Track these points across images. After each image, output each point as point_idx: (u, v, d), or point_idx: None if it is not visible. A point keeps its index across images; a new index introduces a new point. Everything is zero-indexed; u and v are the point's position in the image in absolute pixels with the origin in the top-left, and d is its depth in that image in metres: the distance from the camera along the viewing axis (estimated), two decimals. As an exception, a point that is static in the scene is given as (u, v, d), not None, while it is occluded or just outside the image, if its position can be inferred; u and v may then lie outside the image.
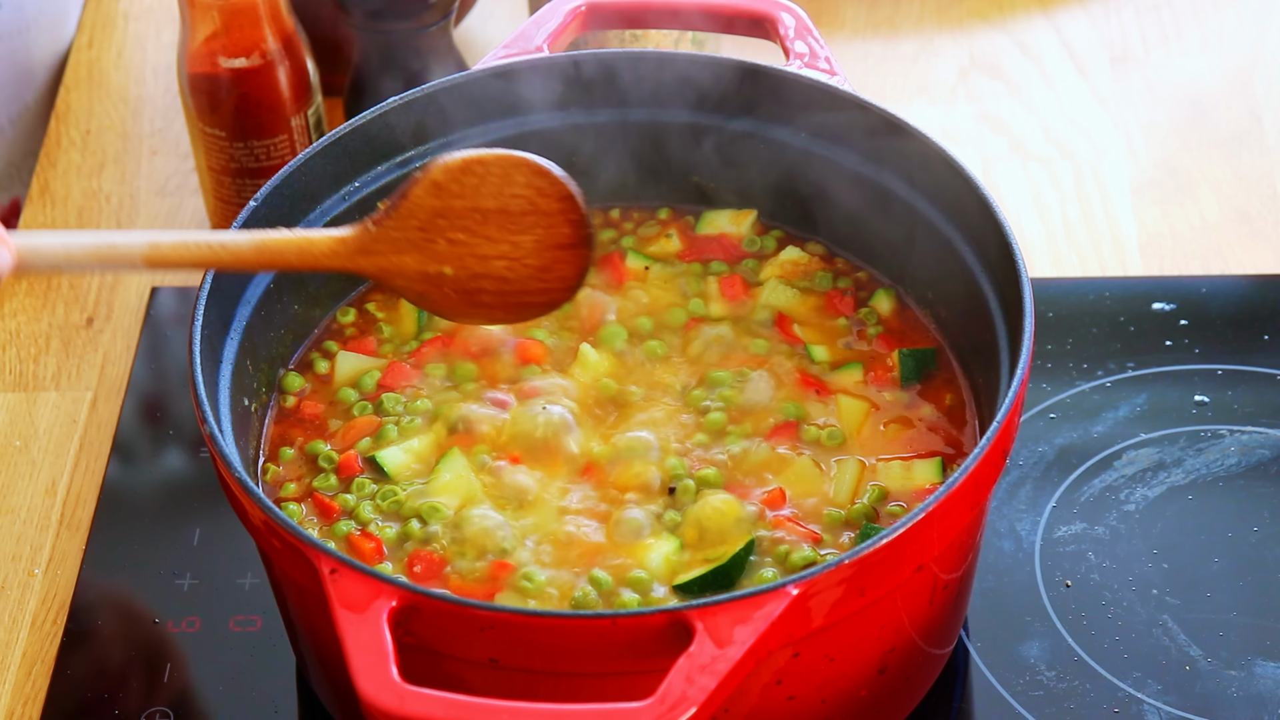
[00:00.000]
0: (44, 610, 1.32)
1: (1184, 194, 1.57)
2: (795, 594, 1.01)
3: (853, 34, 1.72)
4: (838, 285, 1.31)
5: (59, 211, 1.59)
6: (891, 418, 1.23)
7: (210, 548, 1.33)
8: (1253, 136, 1.61)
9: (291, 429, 1.24)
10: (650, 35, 1.53)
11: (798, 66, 1.30)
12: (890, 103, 1.30)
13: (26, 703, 1.26)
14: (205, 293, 1.17)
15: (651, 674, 0.98)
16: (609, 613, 1.02)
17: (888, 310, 1.30)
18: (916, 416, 1.23)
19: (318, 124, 1.52)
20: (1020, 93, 1.67)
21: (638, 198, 1.37)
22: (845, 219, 1.32)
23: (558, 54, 1.32)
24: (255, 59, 1.47)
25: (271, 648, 1.27)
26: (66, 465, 1.40)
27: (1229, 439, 1.37)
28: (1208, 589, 1.28)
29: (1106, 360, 1.42)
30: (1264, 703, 1.22)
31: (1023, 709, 1.22)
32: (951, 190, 1.23)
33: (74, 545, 1.35)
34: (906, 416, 1.23)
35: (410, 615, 1.02)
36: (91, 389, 1.45)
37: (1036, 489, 1.35)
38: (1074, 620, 1.27)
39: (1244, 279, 1.49)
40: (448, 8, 1.53)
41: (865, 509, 1.17)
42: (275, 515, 1.07)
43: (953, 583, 1.16)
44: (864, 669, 1.12)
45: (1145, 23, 1.72)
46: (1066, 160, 1.61)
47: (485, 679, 1.04)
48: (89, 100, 1.70)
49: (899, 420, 1.23)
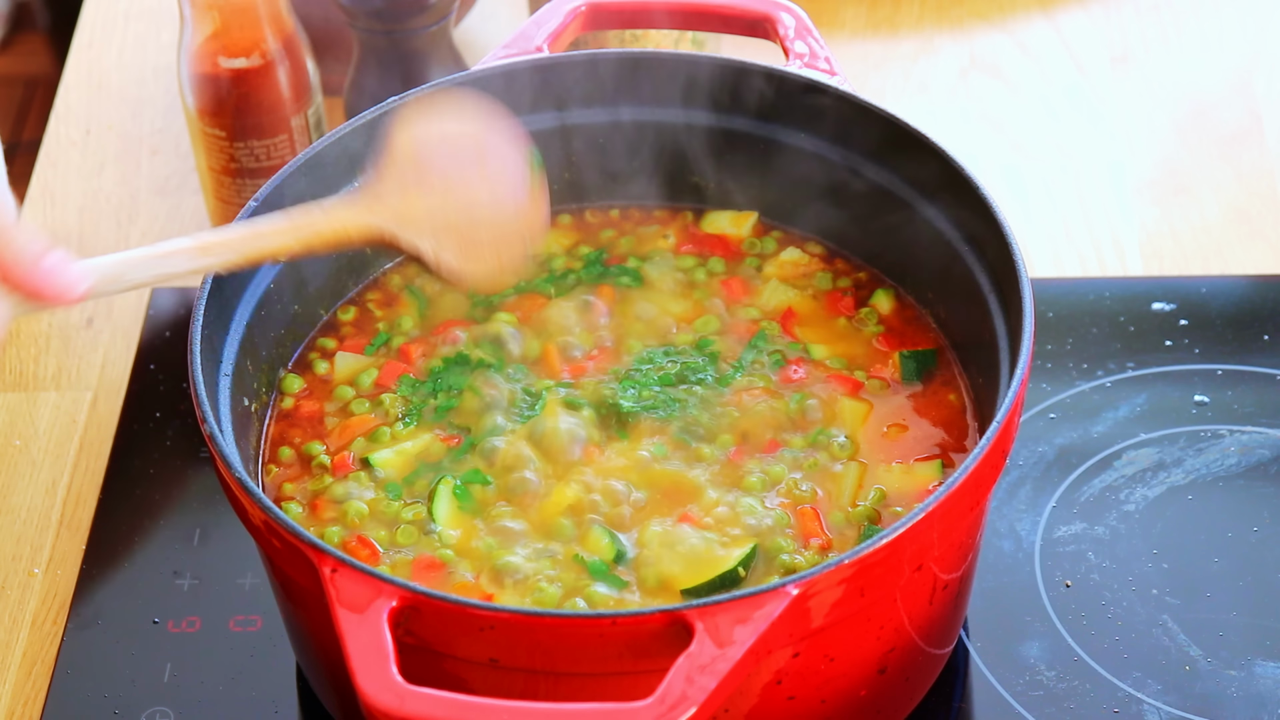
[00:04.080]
0: (44, 610, 1.32)
1: (1184, 194, 1.57)
2: (795, 594, 1.01)
3: (853, 34, 1.72)
4: (837, 285, 1.31)
5: (59, 212, 1.59)
6: (892, 420, 1.23)
7: (210, 548, 1.33)
8: (1253, 136, 1.61)
9: (291, 429, 1.24)
10: (650, 35, 1.53)
11: (798, 66, 1.30)
12: (890, 103, 1.30)
13: (26, 703, 1.27)
14: (205, 293, 1.18)
15: (651, 674, 0.98)
16: (609, 613, 1.02)
17: (888, 310, 1.30)
18: (917, 418, 1.23)
19: (318, 124, 1.52)
20: (1020, 93, 1.67)
21: (637, 198, 1.37)
22: (845, 219, 1.32)
23: (558, 54, 1.32)
24: (255, 59, 1.47)
25: (271, 648, 1.27)
26: (66, 465, 1.40)
27: (1229, 439, 1.37)
28: (1208, 589, 1.28)
29: (1106, 360, 1.42)
30: (1264, 703, 1.22)
31: (1023, 709, 1.22)
32: (951, 190, 1.24)
33: (74, 545, 1.35)
34: (907, 418, 1.23)
35: (410, 615, 1.02)
36: (91, 389, 1.45)
37: (1036, 489, 1.35)
38: (1074, 620, 1.27)
39: (1244, 279, 1.49)
40: (448, 8, 1.53)
41: (868, 511, 1.17)
42: (275, 515, 1.07)
43: (953, 583, 1.16)
44: (864, 669, 1.12)
45: (1145, 23, 1.72)
46: (1066, 160, 1.61)
47: (485, 679, 1.04)
48: (89, 100, 1.70)
49: (898, 424, 1.23)
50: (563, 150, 1.34)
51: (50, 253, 1.04)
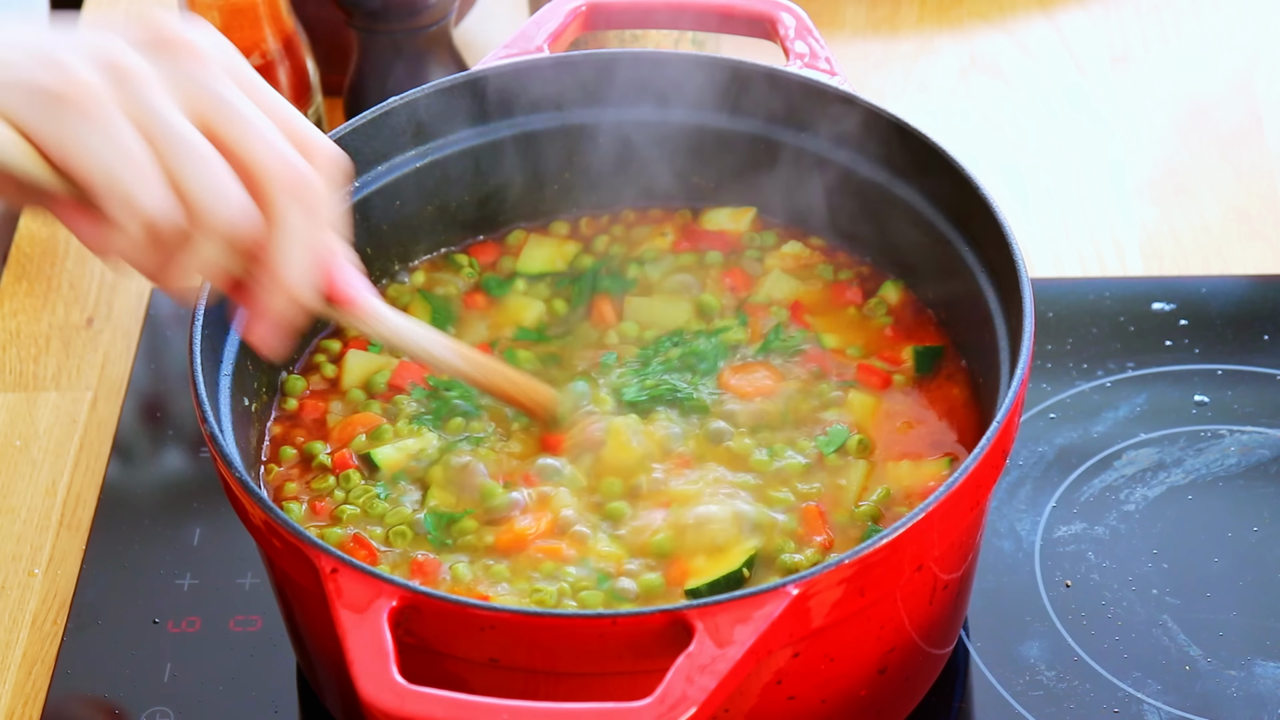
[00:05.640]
0: (44, 610, 1.32)
1: (1184, 194, 1.57)
2: (795, 594, 1.01)
3: (853, 34, 1.72)
4: (839, 278, 1.31)
5: (59, 211, 1.59)
6: (904, 417, 1.23)
7: (210, 548, 1.33)
8: (1253, 136, 1.61)
9: (294, 429, 1.24)
10: (650, 35, 1.53)
11: (798, 66, 1.30)
12: (890, 103, 1.30)
13: (26, 703, 1.26)
14: (205, 293, 1.17)
15: (651, 674, 0.98)
16: (609, 613, 1.02)
17: (896, 300, 1.30)
18: (926, 413, 1.23)
19: (318, 124, 1.52)
20: (1020, 93, 1.67)
21: (636, 198, 1.37)
22: (845, 219, 1.32)
23: (558, 54, 1.32)
24: (255, 59, 1.46)
25: (271, 648, 1.27)
26: (66, 465, 1.40)
27: (1229, 439, 1.37)
28: (1208, 589, 1.28)
29: (1106, 360, 1.42)
30: (1264, 703, 1.22)
31: (1023, 709, 1.22)
32: (951, 190, 1.24)
33: (74, 545, 1.35)
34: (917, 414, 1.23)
35: (410, 615, 1.02)
36: (91, 389, 1.45)
37: (1036, 489, 1.35)
38: (1074, 620, 1.27)
39: (1244, 279, 1.49)
40: (448, 8, 1.53)
41: (871, 510, 1.17)
42: (275, 515, 1.07)
43: (953, 583, 1.16)
44: (864, 669, 1.12)
45: (1145, 23, 1.72)
46: (1066, 160, 1.61)
47: (485, 679, 1.04)
48: (89, 100, 1.70)
49: (908, 421, 1.23)
50: (563, 150, 1.34)
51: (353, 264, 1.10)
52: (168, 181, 0.98)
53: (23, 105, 0.97)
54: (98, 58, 0.98)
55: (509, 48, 1.32)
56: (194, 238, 1.00)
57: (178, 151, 0.98)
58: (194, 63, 1.00)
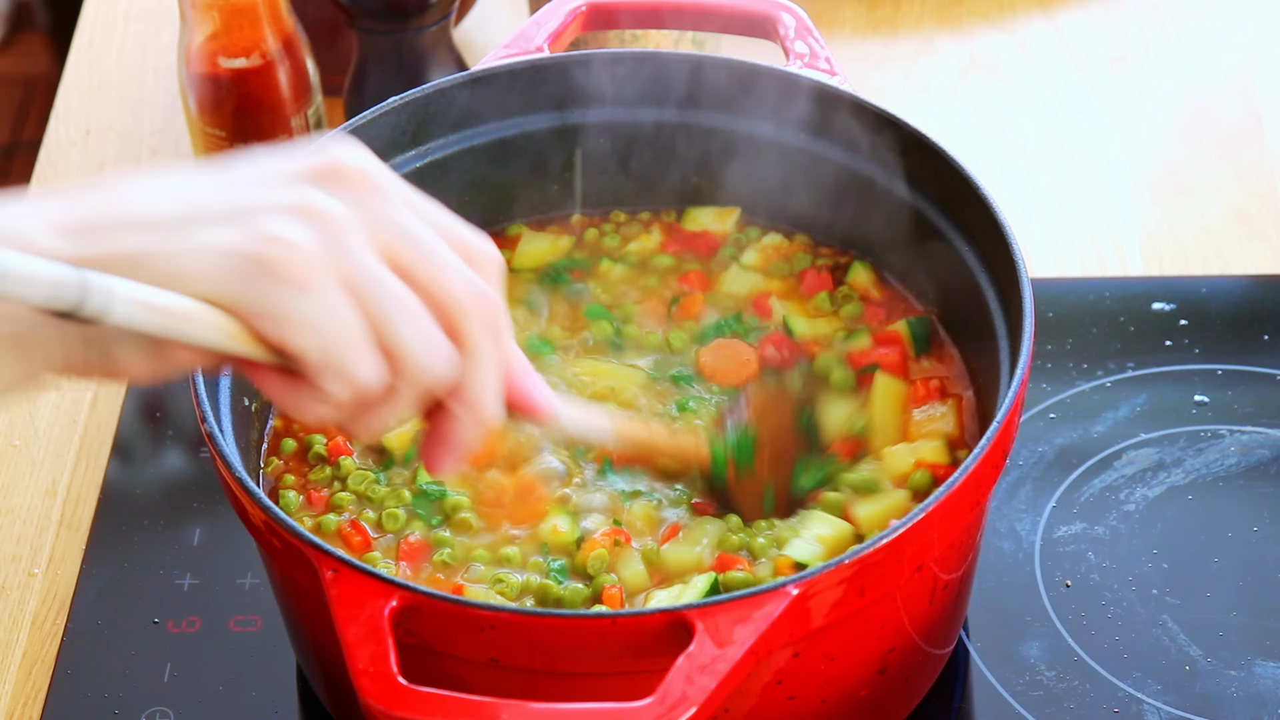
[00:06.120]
0: (44, 610, 1.32)
1: (1184, 194, 1.57)
2: (795, 594, 1.01)
3: (853, 34, 1.72)
4: (815, 265, 1.31)
5: (59, 211, 1.59)
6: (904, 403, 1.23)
7: (210, 548, 1.33)
8: (1253, 136, 1.61)
9: (294, 425, 1.24)
10: (650, 35, 1.53)
11: (798, 66, 1.30)
12: (890, 103, 1.30)
13: (26, 703, 1.27)
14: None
15: (651, 674, 0.98)
16: (609, 612, 1.02)
17: (866, 282, 1.30)
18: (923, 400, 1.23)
19: (318, 124, 1.52)
20: (1020, 93, 1.67)
21: (636, 198, 1.37)
22: (844, 219, 1.32)
23: (558, 54, 1.32)
24: (255, 59, 1.47)
25: (271, 648, 1.27)
26: (66, 465, 1.40)
27: (1229, 439, 1.37)
28: (1208, 589, 1.28)
29: (1106, 360, 1.42)
30: (1264, 703, 1.22)
31: (1023, 709, 1.22)
32: (951, 190, 1.24)
33: (74, 545, 1.35)
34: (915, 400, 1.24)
35: (410, 615, 1.02)
36: (91, 389, 1.45)
37: (1036, 489, 1.35)
38: (1074, 620, 1.27)
39: (1244, 279, 1.49)
40: (448, 8, 1.53)
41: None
42: (275, 515, 1.07)
43: (953, 583, 1.16)
44: (864, 669, 1.12)
45: (1145, 23, 1.72)
46: (1066, 160, 1.61)
47: (485, 679, 1.04)
48: (89, 100, 1.70)
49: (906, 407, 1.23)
50: (563, 150, 1.34)
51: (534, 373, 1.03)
52: (377, 344, 0.91)
53: (223, 276, 0.87)
54: (290, 205, 0.89)
55: (509, 48, 1.32)
56: (398, 391, 0.94)
57: (386, 310, 0.90)
58: (375, 196, 0.92)
